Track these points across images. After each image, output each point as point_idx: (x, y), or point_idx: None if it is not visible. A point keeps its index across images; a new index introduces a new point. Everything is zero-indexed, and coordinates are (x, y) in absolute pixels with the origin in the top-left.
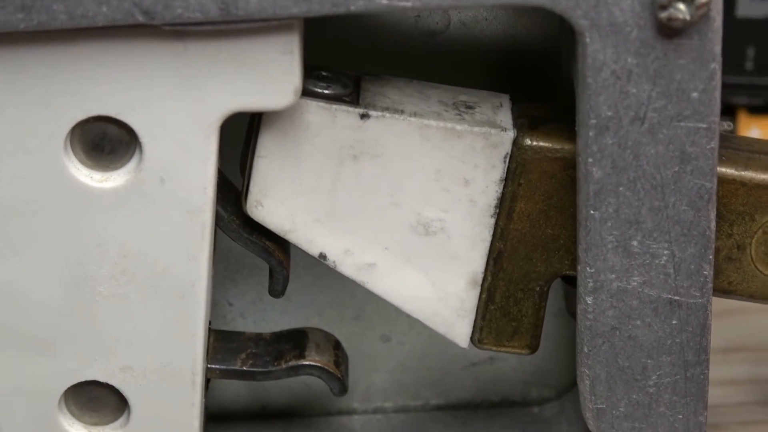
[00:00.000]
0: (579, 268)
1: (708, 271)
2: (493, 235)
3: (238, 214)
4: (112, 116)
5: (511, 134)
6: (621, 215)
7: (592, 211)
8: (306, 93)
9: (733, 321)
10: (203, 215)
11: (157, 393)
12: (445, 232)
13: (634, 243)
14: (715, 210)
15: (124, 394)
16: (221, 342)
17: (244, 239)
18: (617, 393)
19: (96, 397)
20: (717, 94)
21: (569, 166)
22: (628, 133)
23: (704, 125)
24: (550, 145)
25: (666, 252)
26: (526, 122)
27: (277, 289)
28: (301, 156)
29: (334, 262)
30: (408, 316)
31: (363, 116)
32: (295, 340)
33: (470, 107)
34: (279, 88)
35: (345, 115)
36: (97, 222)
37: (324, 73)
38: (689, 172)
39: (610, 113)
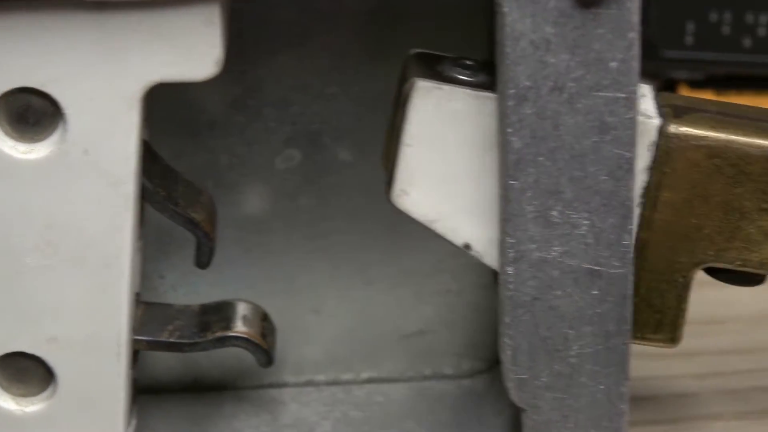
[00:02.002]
0: (500, 238)
1: (628, 240)
2: (638, 225)
3: (163, 185)
4: (36, 88)
5: (656, 122)
6: (541, 185)
7: (511, 181)
8: (452, 81)
9: None
10: (126, 186)
11: (83, 364)
12: None
13: (554, 213)
14: (634, 180)
15: (50, 365)
16: (150, 314)
17: (169, 211)
18: (539, 363)
19: (23, 368)
20: (635, 64)
21: (714, 155)
22: (547, 103)
23: (623, 95)
24: (696, 133)
25: (586, 222)
26: (670, 111)
27: (203, 261)
28: (448, 144)
29: (479, 252)
30: (338, 288)
31: None
32: (223, 312)
33: None
34: (201, 59)
35: (492, 103)
36: (22, 193)
37: (468, 62)
38: (608, 142)
39: (528, 83)
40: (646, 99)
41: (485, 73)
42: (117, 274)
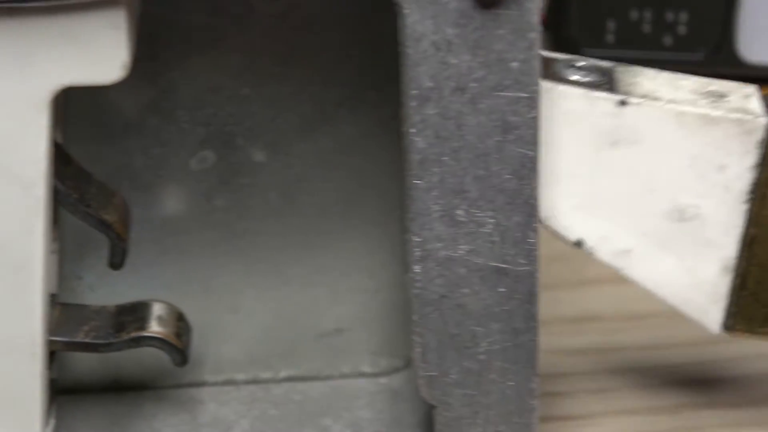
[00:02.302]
0: (406, 237)
1: (533, 239)
2: (747, 221)
3: (76, 188)
4: None
5: (764, 120)
6: (446, 184)
7: (416, 181)
8: (564, 81)
9: (586, 291)
10: (37, 189)
11: None
12: (699, 218)
13: (460, 212)
14: (538, 178)
15: None
16: (66, 315)
17: (81, 213)
18: (448, 360)
19: None
20: (536, 64)
21: None
22: (449, 104)
23: (525, 95)
24: None
25: (491, 221)
26: None
27: (116, 262)
28: (561, 143)
29: (591, 248)
30: (255, 287)
31: (621, 103)
32: (138, 312)
33: (722, 96)
34: (108, 63)
35: (604, 102)
36: None
37: (579, 63)
38: (512, 142)
39: (431, 84)
40: (753, 98)
41: (598, 73)
42: (30, 277)
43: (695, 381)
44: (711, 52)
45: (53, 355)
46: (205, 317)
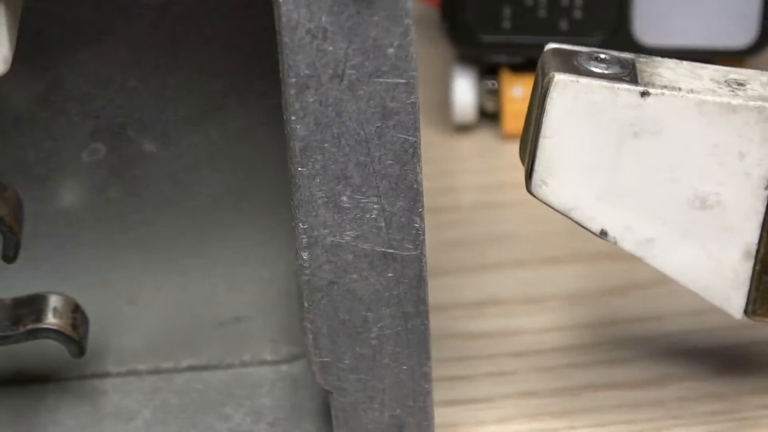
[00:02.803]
0: (293, 224)
1: (419, 224)
2: (767, 207)
3: None
4: None
5: None
6: (329, 171)
7: (299, 168)
8: (588, 74)
9: (487, 276)
10: None
11: None
12: (720, 206)
13: (344, 198)
14: (420, 164)
15: None
16: None
17: None
18: (340, 346)
19: None
20: (413, 50)
21: None
22: (328, 91)
23: (403, 80)
24: None
25: (376, 206)
26: None
27: (8, 255)
28: (584, 135)
29: (614, 238)
30: (152, 278)
31: (643, 94)
32: (35, 304)
33: (741, 84)
34: None
35: (627, 94)
36: None
37: (602, 55)
38: (392, 127)
39: (308, 71)
40: None
41: (619, 65)
42: None
43: (595, 362)
44: (607, 36)
45: None
46: (105, 309)
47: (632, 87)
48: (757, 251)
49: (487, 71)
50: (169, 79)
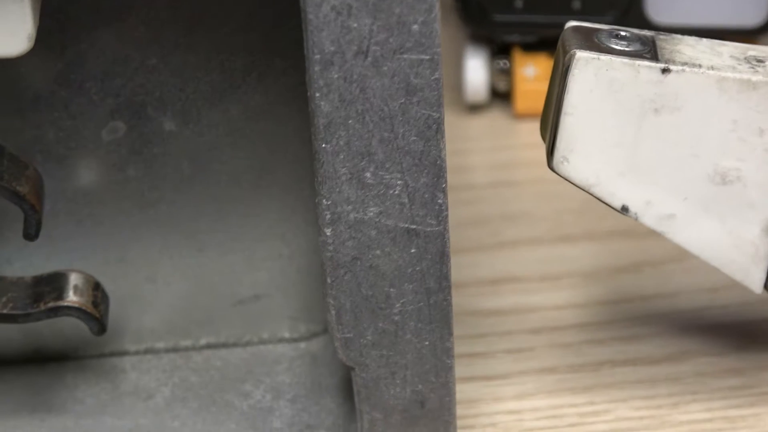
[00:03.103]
0: (316, 200)
1: (442, 199)
2: None
3: None
4: None
5: None
6: (352, 147)
7: (323, 145)
8: (609, 51)
9: (504, 254)
10: None
11: None
12: (740, 181)
13: (368, 174)
14: (444, 139)
15: None
16: None
17: None
18: (363, 322)
19: None
20: (437, 26)
21: None
22: (352, 67)
23: (427, 57)
24: None
25: (399, 182)
26: None
27: (30, 233)
28: (606, 112)
29: (635, 214)
30: (171, 256)
31: (664, 71)
32: (55, 282)
33: (760, 61)
34: (13, 36)
35: (647, 71)
36: None
37: (623, 33)
38: (416, 103)
39: (333, 48)
40: None
41: (640, 42)
42: None
43: (612, 339)
44: (619, 15)
45: None
46: (123, 287)
47: (653, 64)
48: None
49: (499, 51)
50: (189, 58)
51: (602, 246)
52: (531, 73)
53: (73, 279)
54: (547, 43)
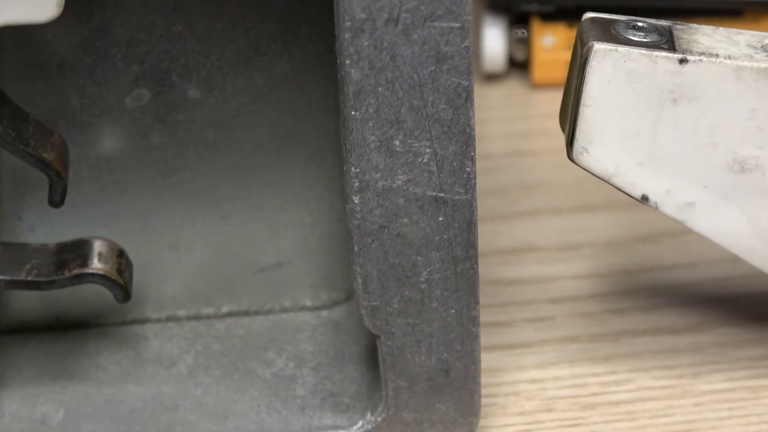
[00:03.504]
0: (344, 168)
1: (471, 168)
2: None
3: (14, 127)
4: None
5: None
6: (381, 115)
7: (353, 112)
8: (626, 42)
9: (523, 223)
10: None
11: None
12: (759, 169)
13: (396, 142)
14: (473, 108)
15: None
16: (7, 254)
17: (20, 151)
18: (390, 290)
19: None
20: None
21: None
22: (383, 35)
23: (457, 24)
24: None
25: (428, 150)
26: None
27: (55, 200)
28: (624, 103)
29: (656, 203)
30: (194, 223)
31: (682, 61)
32: (79, 249)
33: None
34: (42, 1)
35: (665, 61)
36: None
37: (640, 24)
38: (446, 71)
39: (363, 15)
40: None
41: (657, 33)
42: None
43: (632, 308)
44: None
45: None
46: (146, 254)
47: (671, 54)
48: None
49: (517, 20)
50: (215, 24)
51: (622, 215)
52: (549, 42)
53: (98, 246)
54: (566, 12)
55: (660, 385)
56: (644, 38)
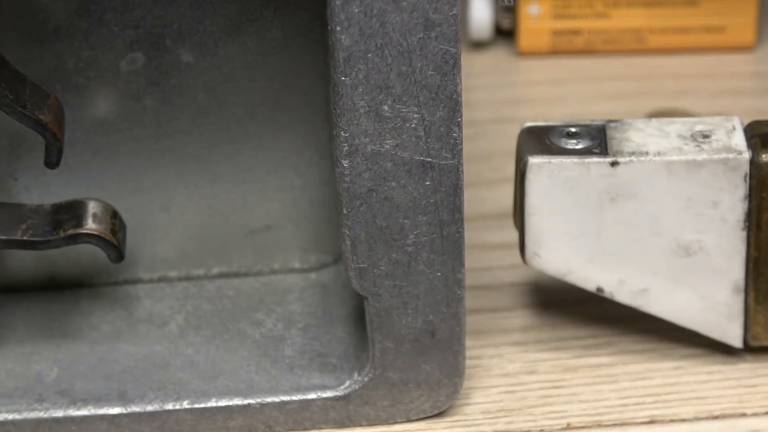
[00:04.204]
0: (334, 132)
1: (457, 133)
2: (747, 245)
3: (11, 89)
4: None
5: (746, 155)
6: (371, 81)
7: (342, 78)
8: (560, 152)
9: (507, 189)
10: None
11: None
12: (704, 251)
13: (385, 108)
14: (460, 74)
15: None
16: (3, 214)
17: (17, 113)
18: (377, 252)
19: None
20: None
21: None
22: (373, 2)
23: None
24: None
25: (416, 116)
26: (758, 141)
27: (51, 161)
28: (565, 208)
29: (611, 293)
30: (186, 186)
31: (613, 164)
32: (74, 210)
33: (706, 136)
34: None
35: (598, 166)
36: None
37: (573, 130)
38: (434, 38)
39: None
40: (736, 132)
41: (589, 138)
42: None
43: None
44: None
45: None
46: (138, 216)
47: (602, 159)
48: (746, 285)
49: None
50: None
51: None
52: (535, 11)
53: (92, 207)
54: None
55: (640, 349)
56: (576, 145)
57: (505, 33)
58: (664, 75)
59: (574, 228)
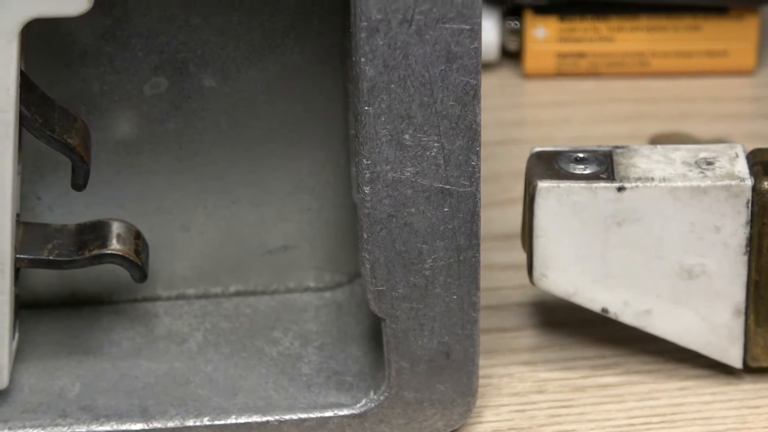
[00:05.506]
0: (356, 160)
1: (476, 162)
2: (748, 269)
3: (40, 113)
4: None
5: (749, 182)
6: (393, 110)
7: (366, 107)
8: (568, 177)
9: (516, 210)
10: (6, 115)
11: None
12: (706, 274)
13: (407, 136)
14: (480, 105)
15: None
16: (29, 234)
17: (46, 137)
18: (395, 276)
19: None
20: None
21: None
22: (397, 35)
23: (468, 26)
24: None
25: (436, 144)
26: (761, 168)
27: (78, 183)
28: (573, 231)
29: (615, 314)
30: (205, 206)
31: (620, 189)
32: (98, 230)
33: (710, 163)
34: None
35: (604, 191)
36: None
37: (580, 155)
38: (455, 70)
39: (379, 16)
40: (739, 160)
41: (597, 163)
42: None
43: None
44: None
45: (18, 272)
46: (158, 235)
47: (609, 184)
48: (746, 308)
49: (510, 12)
50: (231, 17)
51: None
52: (541, 34)
53: (116, 228)
54: (558, 6)
55: (647, 369)
56: (584, 170)
57: (511, 55)
58: (667, 98)
59: (581, 250)
